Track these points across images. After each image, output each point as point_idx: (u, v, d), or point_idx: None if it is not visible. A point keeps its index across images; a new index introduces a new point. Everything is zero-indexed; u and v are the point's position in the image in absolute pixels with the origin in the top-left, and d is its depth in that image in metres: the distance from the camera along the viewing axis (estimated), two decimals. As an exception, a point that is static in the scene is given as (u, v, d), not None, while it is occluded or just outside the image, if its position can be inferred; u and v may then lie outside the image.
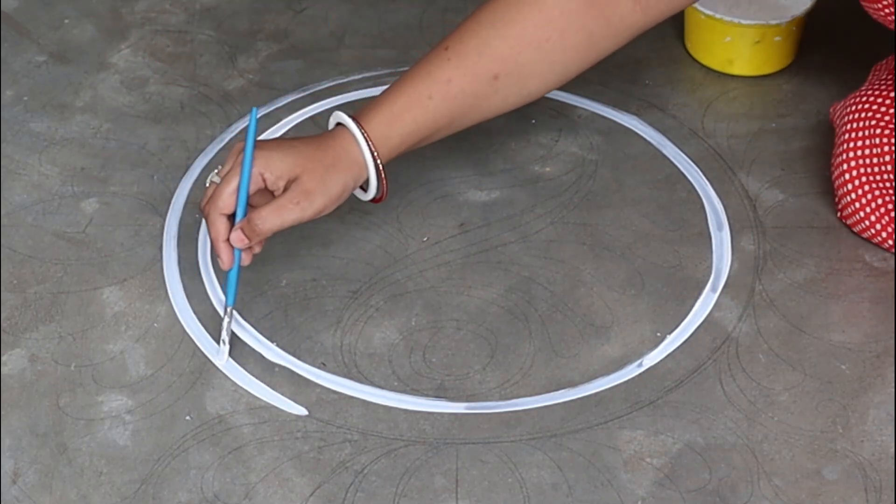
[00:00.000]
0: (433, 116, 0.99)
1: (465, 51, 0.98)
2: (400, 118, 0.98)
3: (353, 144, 0.98)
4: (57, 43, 1.36)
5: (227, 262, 0.97)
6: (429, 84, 0.99)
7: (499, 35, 0.98)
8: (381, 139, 0.98)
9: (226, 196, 0.96)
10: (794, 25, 1.26)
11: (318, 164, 0.96)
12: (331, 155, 0.97)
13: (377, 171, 0.99)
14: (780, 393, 0.98)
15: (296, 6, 1.41)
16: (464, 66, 0.98)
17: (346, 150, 0.98)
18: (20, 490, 0.92)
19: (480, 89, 0.99)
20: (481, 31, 0.99)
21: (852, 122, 1.09)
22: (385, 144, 0.98)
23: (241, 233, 0.96)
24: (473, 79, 0.99)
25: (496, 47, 0.98)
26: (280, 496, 0.92)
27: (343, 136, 0.98)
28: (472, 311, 1.05)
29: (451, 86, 0.98)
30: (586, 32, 1.00)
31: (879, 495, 0.91)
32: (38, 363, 1.01)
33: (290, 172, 0.95)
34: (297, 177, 0.95)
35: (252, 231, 0.95)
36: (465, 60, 0.98)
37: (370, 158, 0.98)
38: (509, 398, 0.99)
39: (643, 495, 0.91)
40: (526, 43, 0.99)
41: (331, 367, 1.01)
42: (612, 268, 1.09)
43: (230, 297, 0.99)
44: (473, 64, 0.99)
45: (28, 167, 1.19)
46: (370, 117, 0.99)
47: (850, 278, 1.07)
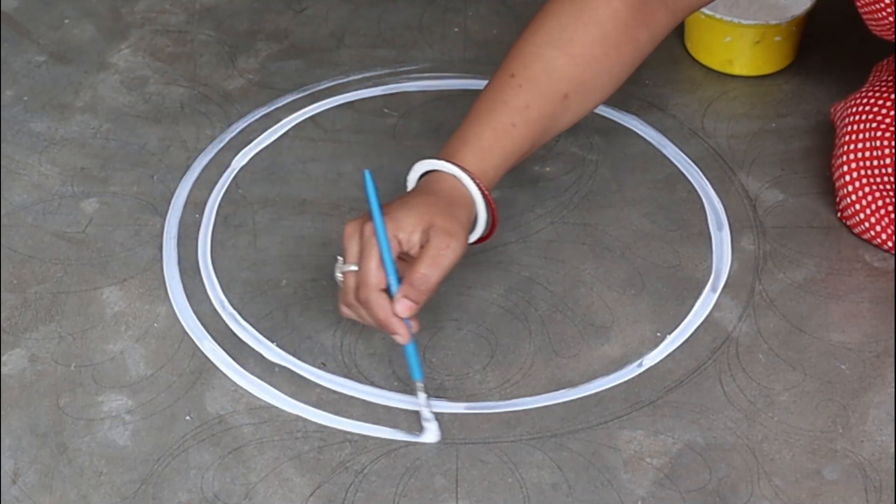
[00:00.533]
0: (519, 143, 0.98)
1: (534, 75, 0.98)
2: (490, 151, 0.97)
3: (458, 184, 0.96)
4: (57, 43, 1.36)
5: (405, 335, 0.92)
6: (508, 113, 0.98)
7: (562, 55, 0.98)
8: (478, 174, 0.96)
9: (375, 272, 0.91)
10: (794, 25, 1.26)
11: (442, 206, 0.94)
12: (445, 197, 0.95)
13: (487, 205, 0.97)
14: (780, 393, 0.98)
15: (296, 6, 1.41)
16: (537, 91, 0.98)
17: (454, 189, 0.95)
18: (20, 490, 0.92)
19: (554, 110, 0.99)
20: (543, 53, 0.99)
21: (853, 124, 1.09)
22: (483, 178, 0.96)
23: (407, 300, 0.91)
24: (547, 101, 0.99)
25: (562, 67, 0.99)
26: (280, 496, 0.92)
27: (445, 179, 0.96)
28: (472, 311, 1.05)
29: (531, 111, 0.98)
30: (635, 42, 1.01)
31: (879, 495, 0.91)
32: (38, 363, 1.01)
33: (422, 223, 0.93)
34: (431, 224, 0.92)
35: (418, 292, 0.91)
36: (536, 85, 0.98)
37: (478, 194, 0.96)
38: (509, 398, 0.99)
39: (643, 495, 0.91)
40: (588, 60, 0.99)
41: (331, 367, 1.01)
42: (612, 268, 1.09)
43: (417, 372, 0.94)
44: (545, 87, 0.99)
45: (28, 167, 1.19)
46: (462, 156, 0.97)
47: (850, 278, 1.07)
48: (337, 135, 1.23)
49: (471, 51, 1.34)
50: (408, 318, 0.92)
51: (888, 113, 1.07)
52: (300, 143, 1.22)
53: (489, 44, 1.35)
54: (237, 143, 1.22)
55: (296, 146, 1.22)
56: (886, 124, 1.06)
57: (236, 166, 1.20)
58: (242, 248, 1.11)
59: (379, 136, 1.23)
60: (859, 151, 1.08)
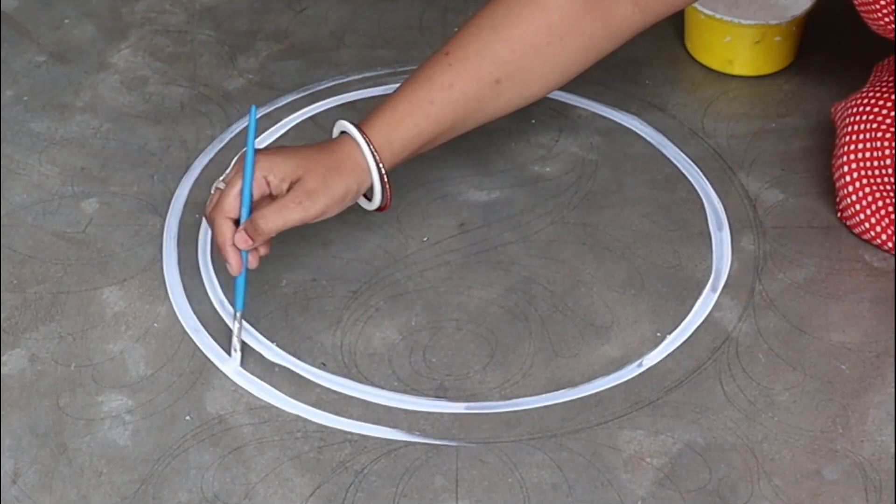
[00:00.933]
0: (435, 121, 0.99)
1: (466, 55, 0.99)
2: (401, 123, 0.99)
3: (355, 149, 0.98)
4: (57, 43, 1.36)
5: (235, 266, 0.97)
6: (429, 89, 0.99)
7: (499, 39, 0.98)
8: (383, 144, 0.98)
9: (230, 200, 0.96)
10: (794, 25, 1.26)
11: (321, 165, 0.97)
12: (333, 158, 0.97)
13: (380, 176, 0.99)
14: (780, 393, 0.98)
15: (296, 6, 1.41)
16: (465, 71, 0.99)
17: (349, 154, 0.98)
18: (20, 490, 0.92)
19: (482, 93, 1.00)
20: (482, 34, 0.99)
21: (853, 124, 1.09)
22: (387, 149, 0.98)
23: (244, 234, 0.96)
24: (475, 83, 0.99)
25: (497, 51, 0.99)
26: (280, 496, 0.92)
27: (346, 142, 0.99)
28: (472, 311, 1.05)
29: (453, 91, 0.99)
30: (586, 35, 1.00)
31: (879, 495, 0.91)
32: (38, 363, 1.01)
33: (293, 174, 0.96)
34: (300, 178, 0.96)
35: (255, 231, 0.95)
36: (466, 65, 0.99)
37: (373, 163, 0.98)
38: (509, 398, 0.99)
39: (643, 495, 0.91)
40: (527, 47, 0.99)
41: (331, 367, 1.01)
42: (612, 268, 1.09)
43: (239, 302, 0.99)
44: (475, 69, 0.99)
45: (28, 167, 1.19)
46: (372, 123, 0.99)
47: (850, 278, 1.07)
48: (337, 135, 1.23)
49: (471, 51, 1.34)
50: (245, 250, 0.96)
51: (888, 113, 1.07)
52: (300, 143, 1.22)
53: (489, 44, 1.35)
54: (237, 143, 1.22)
55: (296, 146, 1.22)
56: (887, 125, 1.06)
57: (236, 166, 1.20)
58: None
59: (379, 136, 1.23)
60: (860, 152, 1.08)
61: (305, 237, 1.12)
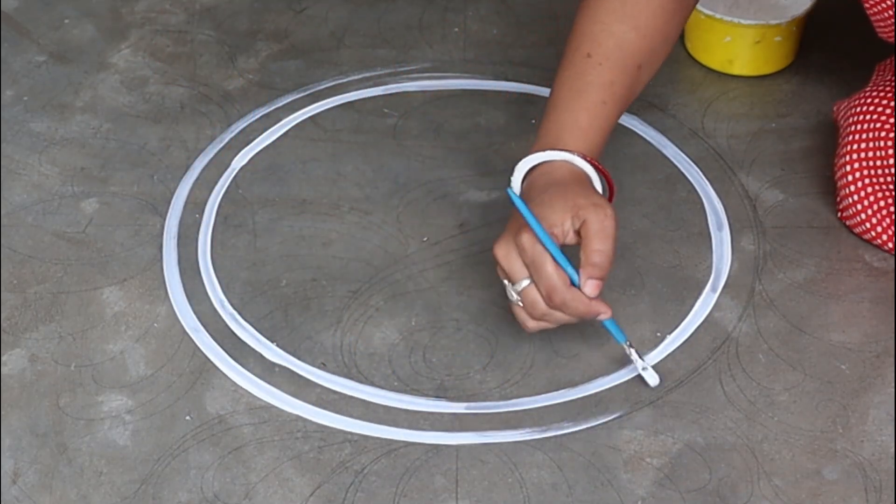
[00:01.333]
0: (611, 120, 1.01)
1: (609, 52, 1.01)
2: (590, 132, 0.99)
3: (572, 167, 0.97)
4: (57, 43, 1.36)
5: (607, 309, 0.94)
6: (597, 92, 1.00)
7: (630, 28, 1.01)
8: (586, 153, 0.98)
9: (555, 274, 0.91)
10: (794, 25, 1.26)
11: (573, 188, 0.95)
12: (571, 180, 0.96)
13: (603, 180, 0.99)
14: (780, 393, 0.98)
15: (296, 6, 1.41)
16: (615, 67, 1.01)
17: (572, 172, 0.97)
18: (20, 490, 0.92)
19: (632, 81, 1.03)
20: (613, 29, 1.01)
21: (856, 123, 1.08)
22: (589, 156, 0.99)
23: (593, 280, 0.93)
24: (626, 75, 1.02)
25: (633, 41, 1.02)
26: (280, 496, 0.92)
27: (557, 168, 0.97)
28: (472, 311, 1.05)
29: (615, 87, 1.01)
30: (684, 6, 1.04)
31: (879, 495, 0.91)
32: (38, 363, 1.01)
33: (568, 210, 0.93)
34: (576, 206, 0.93)
35: (600, 269, 0.93)
36: (614, 61, 1.01)
37: (592, 170, 0.98)
38: (509, 398, 0.99)
39: (643, 495, 0.91)
40: (653, 30, 1.02)
41: (331, 367, 1.01)
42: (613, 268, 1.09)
43: (621, 336, 0.97)
44: (621, 62, 1.01)
45: (28, 167, 1.19)
46: (566, 141, 0.98)
47: (850, 278, 1.07)
48: (337, 135, 1.23)
49: (471, 51, 1.34)
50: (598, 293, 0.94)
51: (892, 113, 1.07)
52: (300, 143, 1.22)
53: (489, 44, 1.35)
54: (237, 143, 1.22)
55: (296, 146, 1.22)
56: (890, 125, 1.06)
57: (236, 166, 1.20)
58: (242, 248, 1.11)
59: (379, 136, 1.23)
60: (862, 151, 1.07)
61: (305, 237, 1.12)
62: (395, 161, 1.20)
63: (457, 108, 1.26)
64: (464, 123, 1.24)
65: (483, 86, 1.29)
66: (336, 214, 1.14)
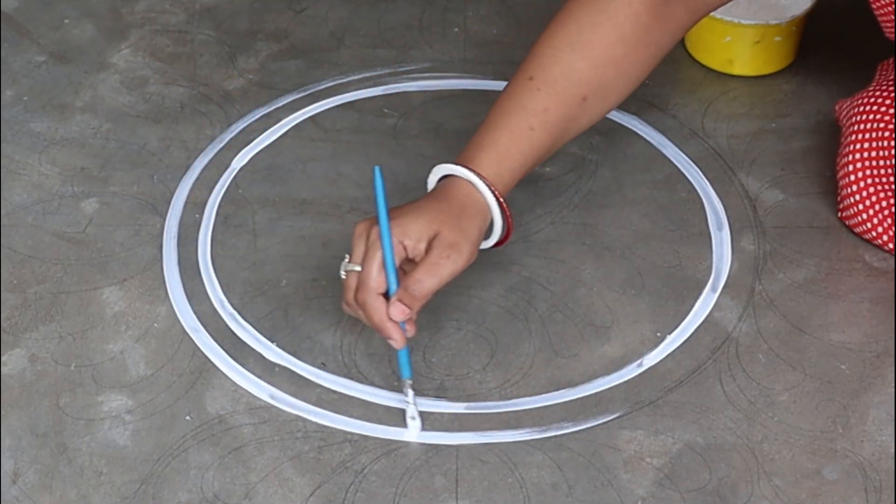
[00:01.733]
0: (537, 147, 0.98)
1: (552, 78, 0.98)
2: (508, 155, 0.97)
3: (473, 190, 0.96)
4: (57, 43, 1.36)
5: (399, 339, 0.92)
6: (526, 116, 0.98)
7: (580, 58, 0.98)
8: (494, 179, 0.96)
9: (375, 276, 0.91)
10: (794, 25, 1.26)
11: (451, 216, 0.94)
12: (456, 204, 0.95)
13: (502, 212, 0.97)
14: (780, 393, 0.98)
15: (296, 6, 1.41)
16: (555, 94, 0.98)
17: (468, 196, 0.96)
18: (20, 490, 0.92)
19: (572, 112, 0.99)
20: (562, 56, 0.98)
21: (859, 123, 1.08)
22: (500, 183, 0.96)
23: (400, 304, 0.91)
24: (566, 104, 0.99)
25: (581, 70, 0.98)
26: (280, 496, 0.92)
27: (459, 185, 0.96)
28: (472, 311, 1.05)
29: (549, 114, 0.98)
30: (653, 43, 1.01)
31: (879, 495, 0.91)
32: (38, 363, 1.01)
33: (429, 232, 0.93)
34: (437, 233, 0.93)
35: (413, 298, 0.92)
36: (554, 87, 0.98)
37: (493, 201, 0.96)
38: (509, 398, 0.99)
39: (643, 495, 0.91)
40: (605, 62, 0.99)
41: (331, 367, 1.01)
42: (612, 268, 1.09)
43: (406, 371, 0.95)
44: (563, 90, 0.98)
45: (28, 167, 1.19)
46: (479, 160, 0.96)
47: (850, 278, 1.07)
48: (337, 135, 1.23)
49: (471, 51, 1.34)
50: (402, 321, 0.92)
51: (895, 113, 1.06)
52: (300, 143, 1.22)
53: (489, 44, 1.35)
54: (237, 143, 1.22)
55: (296, 146, 1.22)
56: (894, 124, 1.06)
57: (236, 166, 1.20)
58: (242, 248, 1.11)
59: (379, 136, 1.23)
60: (864, 151, 1.07)
61: (305, 237, 1.12)
62: (395, 161, 1.20)
63: (457, 108, 1.26)
64: (464, 123, 1.24)
65: (483, 86, 1.29)
66: (336, 214, 1.14)
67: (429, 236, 0.93)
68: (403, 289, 0.92)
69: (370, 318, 0.92)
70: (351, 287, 0.93)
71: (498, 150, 0.97)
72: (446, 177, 0.97)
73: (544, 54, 0.99)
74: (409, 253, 0.93)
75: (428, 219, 0.93)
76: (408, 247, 0.93)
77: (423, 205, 0.95)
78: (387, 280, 0.92)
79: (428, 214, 0.93)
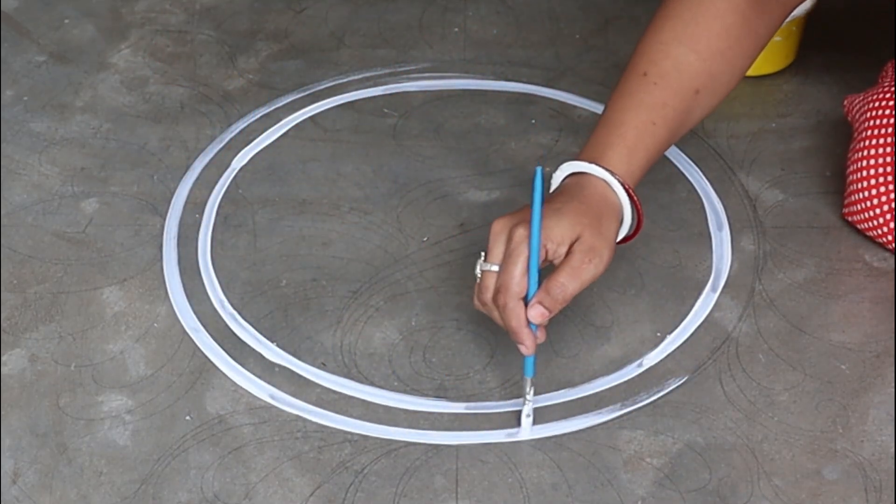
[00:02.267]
0: (660, 142, 0.99)
1: (665, 72, 0.99)
2: (636, 151, 0.97)
3: (607, 190, 0.96)
4: (57, 43, 1.36)
5: (531, 347, 0.92)
6: (647, 112, 0.98)
7: (689, 51, 0.99)
8: (626, 176, 0.96)
9: (518, 279, 0.90)
10: (794, 25, 1.26)
11: (592, 218, 0.94)
12: (595, 206, 0.95)
13: (634, 209, 0.97)
14: (780, 393, 0.98)
15: (296, 6, 1.41)
16: (670, 88, 0.99)
17: (604, 196, 0.95)
18: (20, 490, 0.92)
19: (687, 105, 1.00)
20: (671, 50, 0.99)
21: (874, 119, 1.08)
22: (630, 180, 0.97)
23: (540, 307, 0.91)
24: (680, 98, 0.99)
25: (691, 63, 0.99)
26: (280, 496, 0.92)
27: (595, 184, 0.96)
28: (472, 311, 1.05)
29: (667, 109, 0.98)
30: (754, 34, 1.01)
31: (879, 495, 0.91)
32: (38, 363, 1.01)
33: (571, 235, 0.92)
34: (579, 236, 0.92)
35: (554, 301, 0.91)
36: (668, 82, 0.99)
37: (626, 199, 0.96)
38: (509, 398, 0.99)
39: (643, 495, 0.91)
40: (713, 54, 1.00)
41: (331, 367, 1.01)
42: (612, 268, 1.08)
43: (530, 371, 0.94)
44: (677, 84, 0.99)
45: (28, 167, 1.19)
46: (609, 157, 0.96)
47: (850, 278, 1.07)
48: (337, 135, 1.23)
49: (471, 51, 1.34)
50: (537, 325, 0.92)
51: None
52: (300, 143, 1.22)
53: (489, 44, 1.35)
54: (237, 143, 1.22)
55: (296, 146, 1.22)
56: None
57: (236, 166, 1.20)
58: (242, 248, 1.11)
59: (379, 136, 1.23)
60: (879, 147, 1.07)
61: (305, 237, 1.12)
62: (395, 161, 1.20)
63: (457, 108, 1.26)
64: (464, 123, 1.24)
65: (483, 86, 1.29)
66: (336, 214, 1.14)
67: (571, 240, 0.92)
68: (546, 292, 0.91)
69: (507, 321, 0.92)
70: (488, 287, 0.93)
71: (626, 146, 0.97)
72: (574, 174, 0.97)
73: (654, 49, 1.00)
74: (549, 256, 0.93)
75: (571, 222, 0.93)
76: (549, 250, 0.92)
77: (564, 206, 0.94)
78: (528, 283, 0.91)
79: (570, 217, 0.93)
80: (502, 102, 1.27)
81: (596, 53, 1.33)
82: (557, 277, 0.91)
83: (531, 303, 0.91)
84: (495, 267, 0.92)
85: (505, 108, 1.26)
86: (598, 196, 0.95)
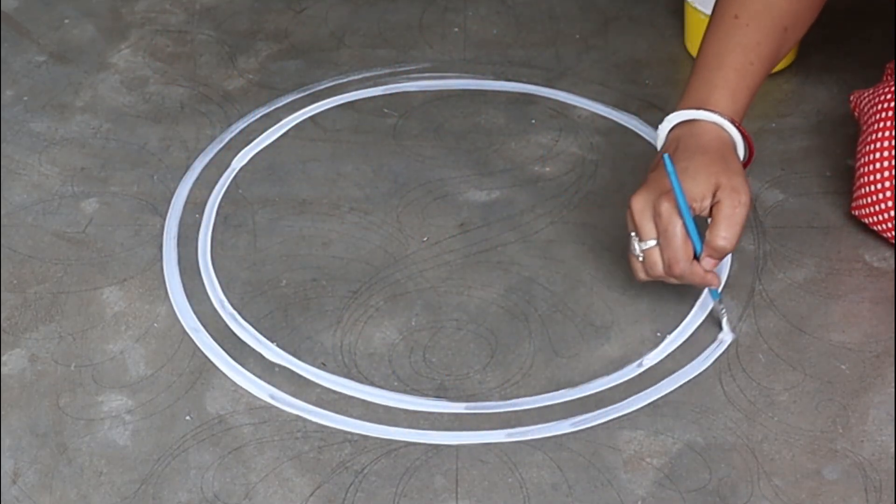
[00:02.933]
0: (757, 80, 1.03)
1: (756, 13, 1.03)
2: (739, 92, 1.01)
3: (721, 131, 1.00)
4: (57, 43, 1.36)
5: (718, 284, 1.00)
6: (744, 52, 1.02)
7: None
8: (733, 116, 1.00)
9: (682, 248, 0.96)
10: (794, 25, 1.26)
11: (720, 163, 0.97)
12: (717, 151, 0.98)
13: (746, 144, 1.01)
14: (780, 393, 0.98)
15: (296, 6, 1.41)
16: (762, 27, 1.03)
17: (720, 138, 0.99)
18: (20, 490, 0.92)
19: (778, 43, 1.04)
20: None
21: (883, 111, 1.08)
22: (737, 118, 1.01)
23: (711, 259, 0.97)
24: (772, 36, 1.03)
25: (779, 3, 1.03)
26: (280, 496, 0.92)
27: (707, 129, 1.00)
28: (472, 311, 1.05)
29: (762, 48, 1.02)
30: None
31: (879, 495, 0.91)
32: (38, 363, 1.01)
33: (710, 187, 0.96)
34: (717, 185, 0.96)
35: (721, 252, 0.96)
36: (760, 21, 1.02)
37: (739, 137, 1.00)
38: (509, 398, 0.99)
39: (643, 495, 0.91)
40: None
41: (331, 367, 1.01)
42: (612, 268, 1.09)
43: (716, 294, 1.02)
44: (769, 22, 1.03)
45: (28, 167, 1.20)
46: (715, 100, 1.00)
47: (850, 278, 1.07)
48: (337, 135, 1.23)
49: (471, 51, 1.34)
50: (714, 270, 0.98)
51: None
52: (300, 143, 1.22)
53: (489, 44, 1.35)
54: (237, 143, 1.22)
55: (296, 146, 1.22)
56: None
57: (236, 166, 1.20)
58: (242, 248, 1.11)
59: (379, 136, 1.23)
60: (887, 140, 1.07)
61: (305, 237, 1.12)
62: (395, 161, 1.20)
63: (457, 108, 1.26)
64: (464, 123, 1.24)
65: (483, 86, 1.29)
66: (336, 214, 1.14)
67: (711, 191, 0.96)
68: (712, 248, 0.96)
69: (692, 280, 0.97)
70: (656, 262, 0.97)
71: (729, 87, 1.00)
72: (680, 125, 1.00)
73: None
74: (696, 212, 0.96)
75: (705, 174, 0.96)
76: (695, 208, 0.96)
77: (689, 165, 0.97)
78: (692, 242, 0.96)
79: (702, 171, 0.96)
80: (502, 102, 1.27)
81: (596, 53, 1.33)
82: (718, 231, 0.96)
83: (702, 258, 0.97)
84: (653, 242, 0.97)
85: (505, 108, 1.26)
86: (715, 140, 0.99)
